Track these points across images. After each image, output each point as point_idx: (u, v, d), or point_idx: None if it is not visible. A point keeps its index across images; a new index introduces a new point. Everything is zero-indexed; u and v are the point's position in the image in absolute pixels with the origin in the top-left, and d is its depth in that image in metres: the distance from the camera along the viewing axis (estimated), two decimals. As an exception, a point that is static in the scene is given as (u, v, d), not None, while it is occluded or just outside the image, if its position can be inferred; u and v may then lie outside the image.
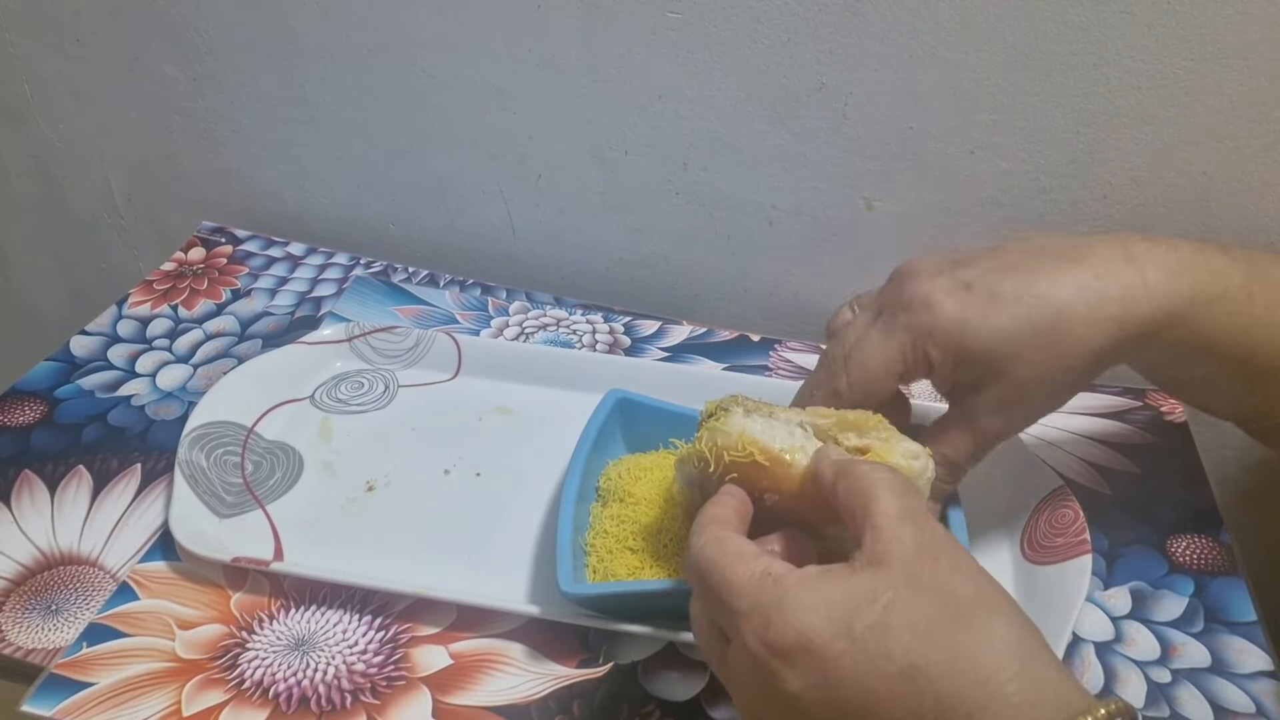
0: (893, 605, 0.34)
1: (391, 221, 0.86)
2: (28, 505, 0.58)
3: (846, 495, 0.39)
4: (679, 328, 0.73)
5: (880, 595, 0.34)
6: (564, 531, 0.51)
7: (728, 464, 0.44)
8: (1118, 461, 0.63)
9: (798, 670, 0.34)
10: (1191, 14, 0.59)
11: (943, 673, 0.32)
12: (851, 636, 0.33)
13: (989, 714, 0.32)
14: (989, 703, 0.32)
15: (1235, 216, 0.66)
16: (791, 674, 0.34)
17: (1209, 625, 0.53)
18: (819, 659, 0.34)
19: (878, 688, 0.33)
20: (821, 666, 0.34)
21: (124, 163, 0.91)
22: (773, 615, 0.35)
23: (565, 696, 0.49)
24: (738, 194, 0.74)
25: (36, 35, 0.85)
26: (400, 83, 0.77)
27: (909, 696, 0.32)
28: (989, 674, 0.32)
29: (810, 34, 0.66)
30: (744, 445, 0.43)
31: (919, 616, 0.34)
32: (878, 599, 0.34)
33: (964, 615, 0.34)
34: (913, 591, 0.34)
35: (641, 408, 0.59)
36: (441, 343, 0.68)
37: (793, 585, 0.35)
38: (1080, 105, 0.64)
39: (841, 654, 0.33)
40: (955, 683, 0.32)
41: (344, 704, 0.49)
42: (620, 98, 0.72)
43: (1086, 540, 0.53)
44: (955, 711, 0.32)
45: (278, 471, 0.61)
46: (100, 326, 0.72)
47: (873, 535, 0.36)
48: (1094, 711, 0.32)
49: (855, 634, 0.33)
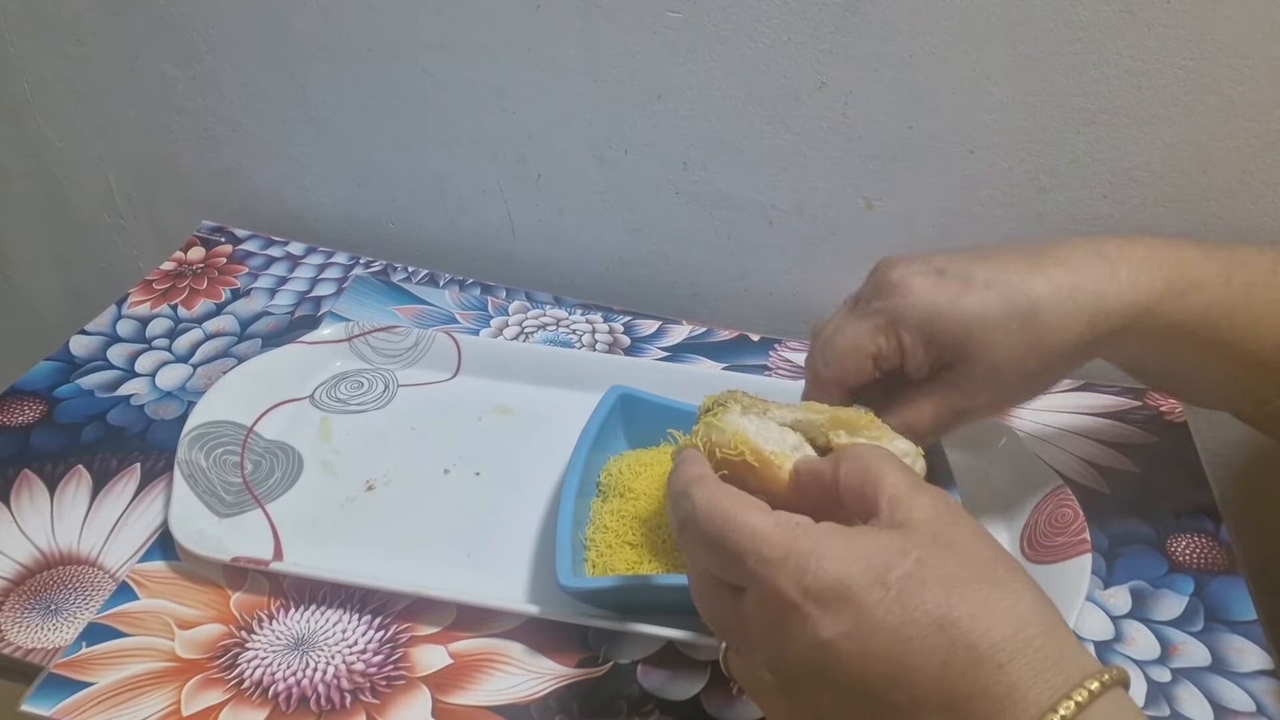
0: (924, 559, 0.34)
1: (391, 221, 0.86)
2: (27, 505, 0.58)
3: (850, 475, 0.39)
4: (679, 327, 0.73)
5: (910, 550, 0.35)
6: (564, 526, 0.51)
7: (719, 460, 0.44)
8: (1118, 461, 0.63)
9: (832, 617, 0.34)
10: (1191, 14, 0.59)
11: (974, 625, 0.33)
12: (886, 585, 0.34)
13: (1017, 666, 0.32)
14: (1017, 655, 0.33)
15: (1235, 216, 0.66)
16: (826, 620, 0.34)
17: (1209, 624, 0.53)
18: (855, 606, 0.34)
19: (911, 636, 0.33)
20: (857, 614, 0.34)
21: (124, 163, 0.91)
22: (809, 561, 0.35)
23: (565, 696, 0.49)
24: (738, 194, 0.75)
25: (36, 35, 0.85)
26: (400, 83, 0.77)
27: (941, 646, 0.33)
28: (1017, 629, 0.33)
29: (810, 34, 0.66)
30: (736, 444, 0.44)
31: (948, 572, 0.34)
32: (908, 553, 0.35)
33: (989, 574, 0.35)
34: (940, 549, 0.35)
35: (643, 404, 0.59)
36: (441, 342, 0.68)
37: (824, 533, 0.35)
38: (1080, 105, 0.64)
39: (877, 603, 0.34)
40: (986, 635, 0.33)
41: (344, 703, 0.49)
42: (620, 98, 0.73)
43: (1086, 539, 0.53)
44: (986, 661, 0.33)
45: (277, 471, 0.61)
46: (100, 326, 0.72)
47: (890, 504, 0.37)
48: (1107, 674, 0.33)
49: (890, 583, 0.34)
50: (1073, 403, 0.67)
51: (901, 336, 0.47)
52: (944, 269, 0.47)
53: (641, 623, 0.50)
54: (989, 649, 0.33)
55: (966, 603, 0.33)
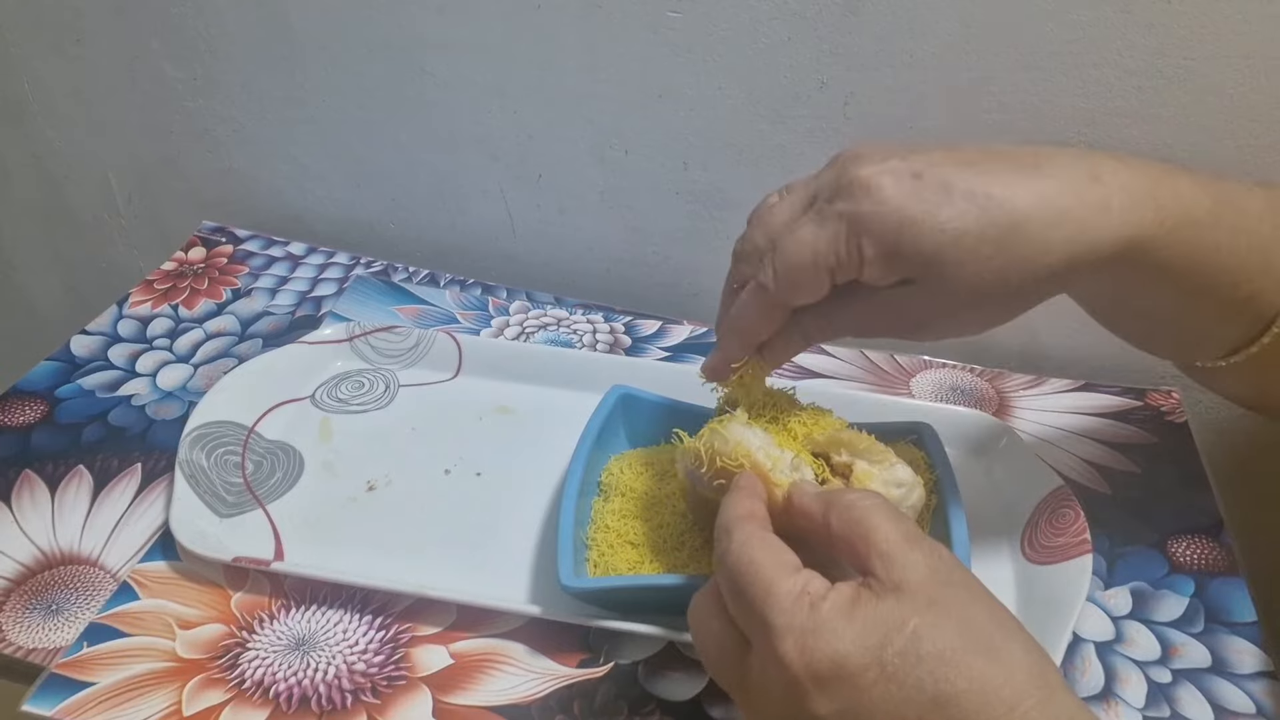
0: (919, 631, 0.34)
1: (392, 221, 0.86)
2: (28, 505, 0.58)
3: (841, 525, 0.38)
4: (679, 327, 0.73)
5: (907, 621, 0.34)
6: (565, 526, 0.51)
7: (719, 469, 0.45)
8: (1118, 461, 0.63)
9: (829, 695, 0.34)
10: (1191, 14, 0.59)
11: (970, 702, 0.33)
12: (882, 665, 0.34)
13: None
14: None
15: (1235, 216, 0.66)
16: (823, 698, 0.34)
17: (1209, 625, 0.53)
18: (851, 686, 0.34)
19: (907, 715, 0.33)
20: (854, 694, 0.34)
21: (124, 162, 0.91)
22: (808, 639, 0.35)
23: (566, 696, 0.49)
24: (738, 194, 0.75)
25: (36, 35, 0.85)
26: (400, 82, 0.77)
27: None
28: (1013, 703, 0.33)
29: (810, 34, 0.66)
30: (737, 456, 0.44)
31: (945, 643, 0.34)
32: (905, 625, 0.34)
33: (985, 642, 0.35)
34: (935, 617, 0.35)
35: (645, 403, 0.59)
36: (442, 342, 0.68)
37: (828, 611, 0.35)
38: (1080, 105, 0.64)
39: (874, 683, 0.34)
40: (983, 713, 0.33)
41: (344, 704, 0.49)
42: (620, 98, 0.73)
43: (1087, 540, 0.53)
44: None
45: (278, 471, 0.61)
46: (100, 326, 0.72)
47: (884, 563, 0.36)
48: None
49: (886, 662, 0.34)
50: (1073, 403, 0.67)
51: (864, 247, 0.41)
52: (920, 172, 0.40)
53: (642, 623, 0.50)
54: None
55: (963, 678, 0.33)
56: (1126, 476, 0.62)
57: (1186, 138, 0.64)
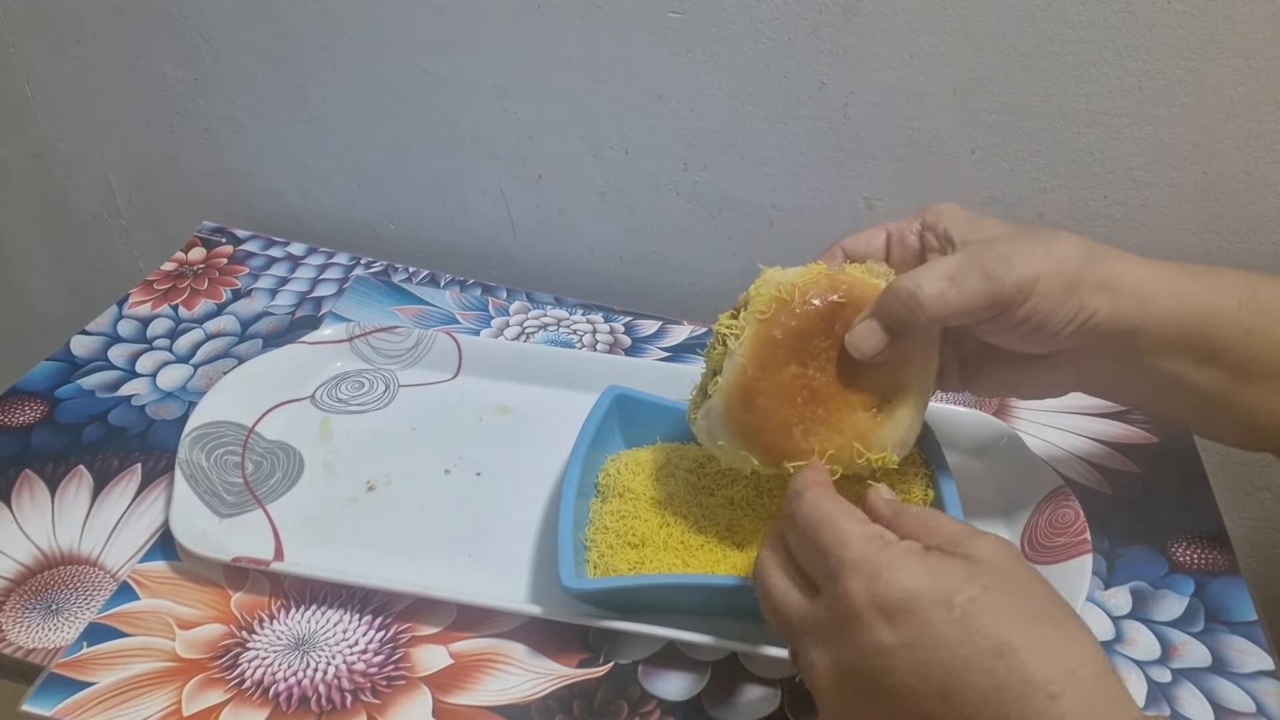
0: (990, 587, 0.36)
1: (392, 221, 0.86)
2: (28, 505, 0.58)
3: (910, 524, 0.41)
4: (679, 328, 0.73)
5: (978, 578, 0.36)
6: (565, 527, 0.51)
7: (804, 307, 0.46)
8: (1118, 461, 0.63)
9: (896, 626, 0.36)
10: (1191, 14, 0.59)
11: (1031, 655, 0.35)
12: (951, 605, 0.36)
13: (1069, 699, 0.34)
14: (1070, 690, 0.34)
15: (1235, 216, 0.66)
16: (889, 629, 0.36)
17: (1209, 625, 0.53)
18: (919, 619, 0.36)
19: (970, 656, 0.35)
20: (920, 627, 0.36)
21: (124, 163, 0.91)
22: (883, 571, 0.37)
23: (565, 696, 0.49)
24: (738, 194, 0.75)
25: (36, 35, 0.85)
26: (400, 83, 0.77)
27: (997, 669, 0.34)
28: (1072, 667, 0.35)
29: (810, 34, 0.66)
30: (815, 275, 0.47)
31: (1012, 604, 0.36)
32: (976, 579, 0.36)
33: (1050, 614, 0.37)
34: (1006, 582, 0.37)
35: (639, 404, 0.59)
36: (442, 342, 0.68)
37: (902, 550, 0.38)
38: (1080, 105, 0.64)
39: (941, 620, 0.36)
40: (1042, 668, 0.34)
41: (344, 704, 0.49)
42: (620, 98, 0.73)
43: (1087, 540, 0.53)
44: (1039, 692, 0.34)
45: (278, 471, 0.61)
46: (100, 326, 0.72)
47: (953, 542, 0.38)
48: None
49: (955, 603, 0.36)
50: (1073, 403, 0.66)
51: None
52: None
53: (642, 623, 0.50)
54: (1043, 681, 0.34)
55: (1026, 635, 0.35)
56: (1127, 476, 0.62)
57: (1186, 138, 0.64)
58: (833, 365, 0.47)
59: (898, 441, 0.48)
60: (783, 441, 0.47)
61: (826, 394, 0.47)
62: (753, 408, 0.47)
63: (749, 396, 0.47)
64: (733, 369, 0.47)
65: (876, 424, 0.48)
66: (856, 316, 0.47)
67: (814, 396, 0.47)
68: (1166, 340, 0.47)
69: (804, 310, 0.47)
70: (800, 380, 0.47)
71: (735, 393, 0.47)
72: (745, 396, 0.47)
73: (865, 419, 0.47)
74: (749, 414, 0.47)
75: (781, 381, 0.47)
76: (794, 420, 0.47)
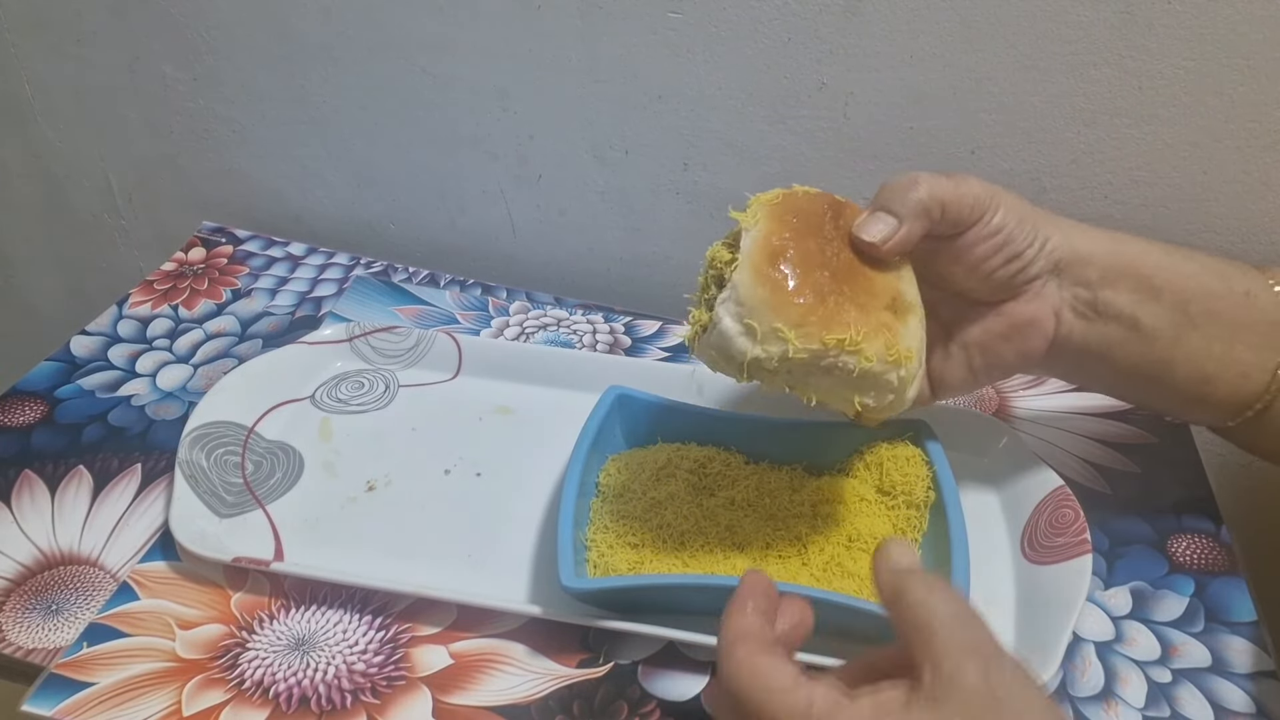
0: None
1: (392, 221, 0.86)
2: (28, 505, 0.58)
3: (901, 622, 0.36)
4: (679, 328, 0.73)
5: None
6: (565, 527, 0.51)
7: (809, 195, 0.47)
8: (1118, 461, 0.63)
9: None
10: (1191, 14, 0.59)
11: None
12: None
13: None
14: None
15: (1235, 216, 0.66)
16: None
17: (1209, 625, 0.53)
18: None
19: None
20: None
21: (125, 163, 0.91)
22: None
23: (565, 696, 0.49)
24: (738, 194, 0.74)
25: (36, 35, 0.85)
26: (400, 83, 0.77)
27: None
28: None
29: (810, 34, 0.66)
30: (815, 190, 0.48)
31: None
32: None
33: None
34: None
35: (640, 404, 0.59)
36: (442, 343, 0.68)
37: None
38: (1080, 105, 0.64)
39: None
40: None
41: (344, 704, 0.49)
42: (620, 98, 0.73)
43: (1087, 540, 0.53)
44: None
45: (278, 471, 0.61)
46: (100, 326, 0.72)
47: (932, 673, 0.33)
48: None
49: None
50: (1073, 403, 0.67)
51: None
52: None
53: (642, 623, 0.50)
54: None
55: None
56: (1126, 476, 0.62)
57: (1186, 138, 0.64)
58: (844, 253, 0.46)
59: (917, 347, 0.46)
60: (819, 306, 0.43)
61: (847, 275, 0.45)
62: (783, 265, 0.44)
63: (775, 255, 0.44)
64: (753, 239, 0.45)
65: (897, 321, 0.46)
66: (855, 216, 0.48)
67: (836, 275, 0.45)
68: (1113, 271, 0.51)
69: (808, 197, 0.47)
70: (822, 253, 0.45)
71: (761, 256, 0.44)
72: (772, 255, 0.44)
73: (886, 314, 0.45)
74: (778, 272, 0.44)
75: (807, 248, 0.45)
76: (826, 289, 0.44)
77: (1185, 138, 0.64)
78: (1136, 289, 0.51)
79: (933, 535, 0.53)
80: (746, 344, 0.43)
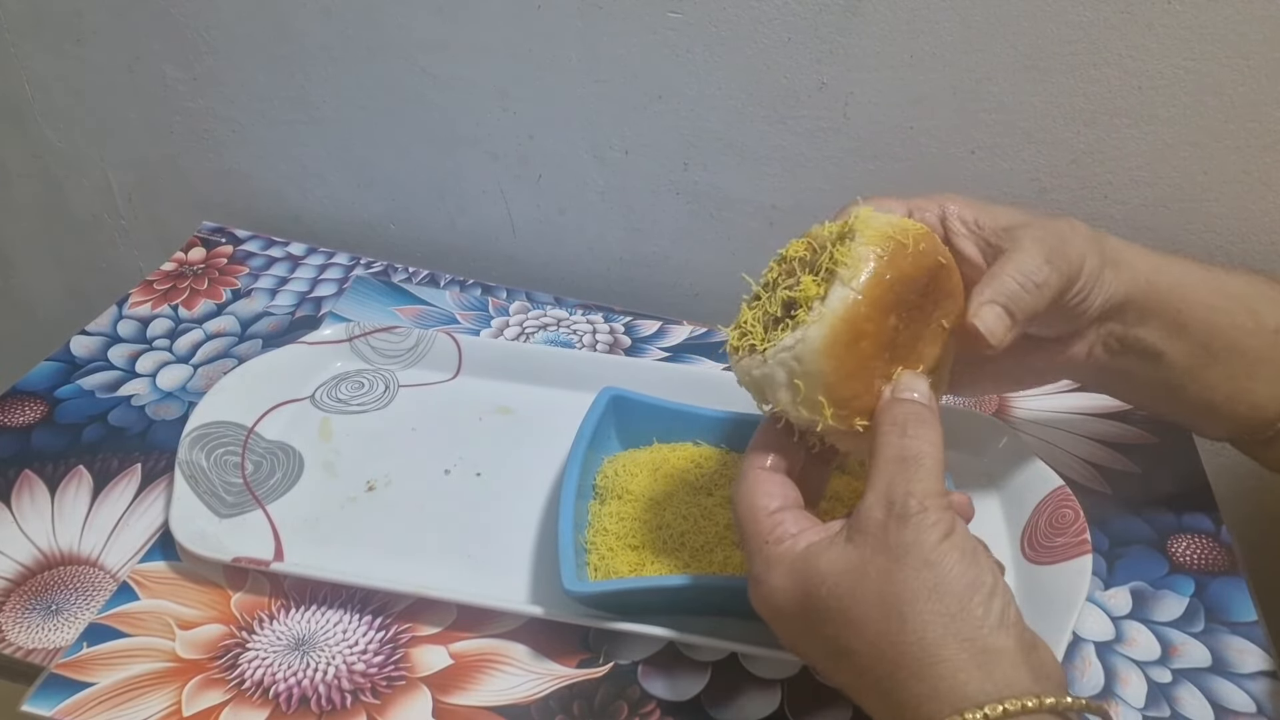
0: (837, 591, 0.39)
1: (392, 221, 0.86)
2: (28, 505, 0.58)
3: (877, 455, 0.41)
4: (679, 328, 0.73)
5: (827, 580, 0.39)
6: (565, 530, 0.51)
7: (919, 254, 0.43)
8: (1118, 461, 0.63)
9: (778, 626, 0.43)
10: (1191, 14, 0.59)
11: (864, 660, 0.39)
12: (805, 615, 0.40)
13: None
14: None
15: (1235, 216, 0.66)
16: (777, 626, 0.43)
17: (1209, 625, 0.53)
18: (783, 627, 0.42)
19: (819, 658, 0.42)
20: (786, 634, 0.42)
21: (124, 163, 0.91)
22: (756, 585, 0.42)
23: (565, 696, 0.49)
24: (738, 194, 0.75)
25: (36, 35, 0.85)
26: (400, 83, 0.77)
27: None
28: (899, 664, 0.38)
29: (810, 34, 0.66)
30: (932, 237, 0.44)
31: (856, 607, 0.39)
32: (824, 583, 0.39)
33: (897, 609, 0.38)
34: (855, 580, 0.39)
35: (635, 404, 0.59)
36: (441, 343, 0.68)
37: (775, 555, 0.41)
38: (1080, 105, 0.64)
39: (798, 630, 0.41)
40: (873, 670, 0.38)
41: (344, 704, 0.49)
42: (620, 98, 0.73)
43: (1087, 540, 0.53)
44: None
45: (278, 471, 0.61)
46: (100, 326, 0.72)
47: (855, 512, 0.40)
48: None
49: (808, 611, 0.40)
50: (1073, 403, 0.67)
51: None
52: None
53: (643, 624, 0.50)
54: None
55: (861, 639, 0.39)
56: (1126, 476, 0.62)
57: (1186, 138, 0.64)
58: (914, 326, 0.44)
59: None
60: (865, 393, 0.42)
61: (902, 354, 0.44)
62: (857, 350, 0.41)
63: (857, 336, 0.41)
64: (844, 302, 0.41)
65: None
66: (950, 283, 0.45)
67: (894, 355, 0.43)
68: (1148, 310, 0.50)
69: (917, 260, 0.42)
70: (893, 333, 0.43)
71: (843, 327, 0.41)
72: (854, 335, 0.41)
73: None
74: (850, 355, 0.41)
75: (883, 329, 0.42)
76: (878, 373, 0.43)
77: (1185, 138, 0.64)
78: (1165, 325, 0.50)
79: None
80: (786, 397, 0.42)
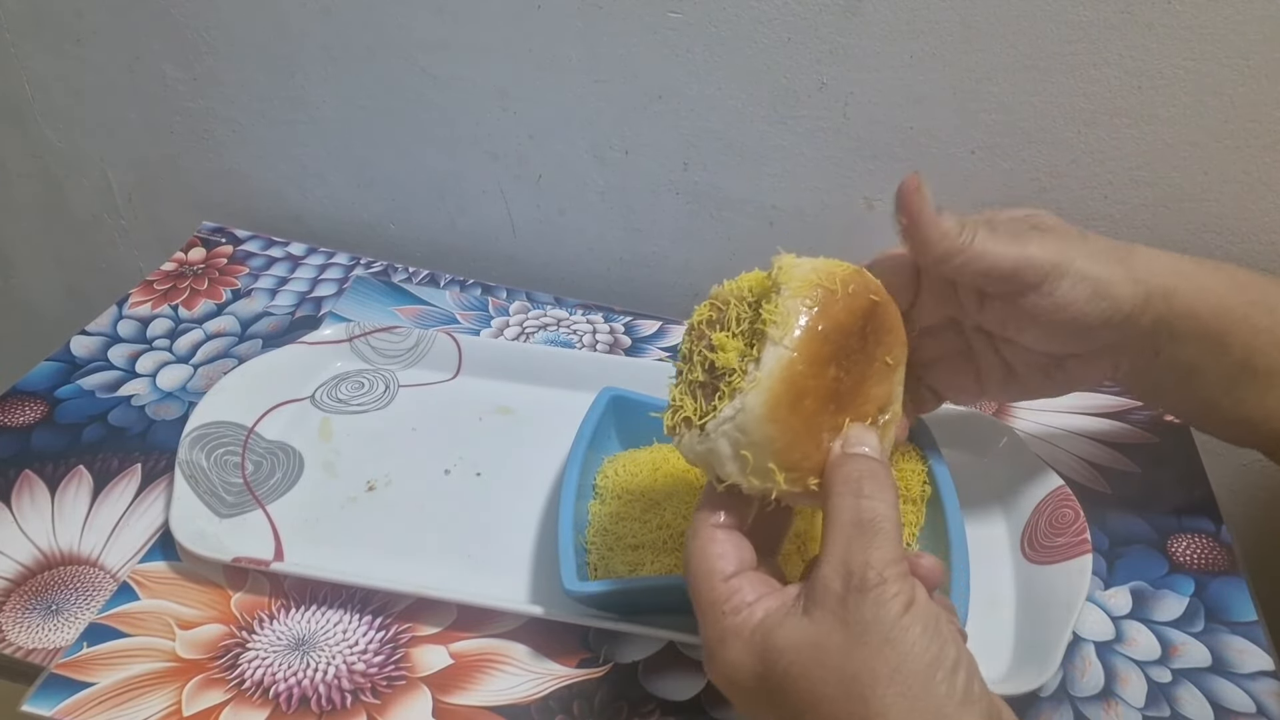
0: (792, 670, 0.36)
1: (392, 221, 0.86)
2: (28, 505, 0.58)
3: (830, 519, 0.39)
4: (679, 328, 0.73)
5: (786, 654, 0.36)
6: (565, 530, 0.51)
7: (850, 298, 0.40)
8: (1118, 461, 0.63)
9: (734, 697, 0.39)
10: (1191, 14, 0.59)
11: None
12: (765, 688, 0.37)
13: None
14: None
15: (1236, 217, 0.66)
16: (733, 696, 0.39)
17: (1209, 625, 0.53)
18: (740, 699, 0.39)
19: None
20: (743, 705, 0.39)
21: (124, 163, 0.91)
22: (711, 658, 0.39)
23: (565, 696, 0.49)
24: (738, 194, 0.75)
25: (36, 35, 0.85)
26: (400, 83, 0.77)
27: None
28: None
29: (810, 34, 0.66)
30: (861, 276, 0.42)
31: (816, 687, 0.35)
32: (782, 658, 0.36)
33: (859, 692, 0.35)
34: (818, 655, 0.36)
35: (635, 404, 0.59)
36: (441, 343, 0.68)
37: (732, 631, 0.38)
38: (1080, 105, 0.64)
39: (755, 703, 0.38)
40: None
41: (344, 704, 0.49)
42: (620, 98, 0.73)
43: (1087, 540, 0.53)
44: None
45: (278, 471, 0.61)
46: (100, 326, 0.72)
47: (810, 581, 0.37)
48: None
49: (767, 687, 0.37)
50: (1073, 403, 0.67)
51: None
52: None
53: (643, 624, 0.50)
54: None
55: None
56: (1126, 476, 0.62)
57: (1186, 138, 0.64)
58: (856, 370, 0.42)
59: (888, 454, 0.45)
60: (815, 452, 0.40)
61: (847, 402, 0.41)
62: (800, 410, 0.39)
63: (798, 395, 0.39)
64: (780, 362, 0.39)
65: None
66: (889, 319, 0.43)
67: (840, 404, 0.41)
68: (1187, 332, 0.49)
69: (849, 304, 0.40)
70: (834, 384, 0.40)
71: (783, 389, 0.39)
72: (795, 395, 0.39)
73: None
74: (795, 417, 0.39)
75: (824, 382, 0.40)
76: (825, 426, 0.40)
77: (1185, 138, 0.64)
78: (1206, 344, 0.49)
79: (930, 530, 0.53)
80: (734, 469, 0.40)
